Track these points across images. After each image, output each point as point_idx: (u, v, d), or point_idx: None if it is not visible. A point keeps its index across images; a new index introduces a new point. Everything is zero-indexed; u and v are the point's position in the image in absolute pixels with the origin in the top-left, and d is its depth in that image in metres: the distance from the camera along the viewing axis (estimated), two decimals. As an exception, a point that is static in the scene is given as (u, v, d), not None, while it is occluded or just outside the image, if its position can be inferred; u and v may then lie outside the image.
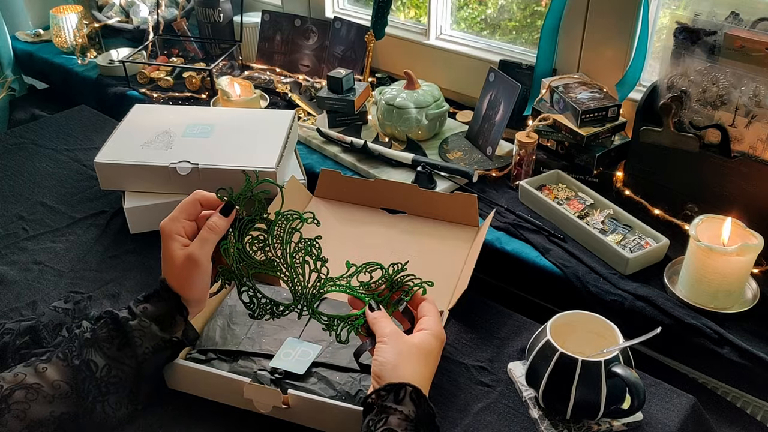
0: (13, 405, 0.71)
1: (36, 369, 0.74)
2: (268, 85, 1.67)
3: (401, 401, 0.70)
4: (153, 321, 0.79)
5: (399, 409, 0.69)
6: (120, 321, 0.78)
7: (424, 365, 0.75)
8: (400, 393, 0.70)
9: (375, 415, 0.70)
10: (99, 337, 0.77)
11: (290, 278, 0.84)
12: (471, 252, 1.05)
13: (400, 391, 0.70)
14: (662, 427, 0.82)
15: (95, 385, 0.75)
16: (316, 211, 1.16)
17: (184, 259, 0.81)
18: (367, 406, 0.72)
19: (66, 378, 0.75)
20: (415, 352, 0.74)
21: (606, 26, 1.31)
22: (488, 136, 1.33)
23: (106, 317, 0.79)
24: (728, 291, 0.97)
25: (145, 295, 0.82)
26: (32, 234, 1.16)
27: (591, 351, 0.82)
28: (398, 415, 0.68)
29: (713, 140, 1.08)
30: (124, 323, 0.78)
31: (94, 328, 0.78)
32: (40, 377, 0.74)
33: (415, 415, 0.69)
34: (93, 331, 0.78)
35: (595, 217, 1.13)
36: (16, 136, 1.45)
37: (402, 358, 0.73)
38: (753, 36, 1.00)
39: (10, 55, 1.94)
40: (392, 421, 0.68)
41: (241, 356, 0.86)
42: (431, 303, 0.82)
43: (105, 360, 0.76)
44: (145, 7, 1.93)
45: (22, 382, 0.72)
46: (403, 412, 0.69)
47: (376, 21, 1.57)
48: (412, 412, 0.69)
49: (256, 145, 1.18)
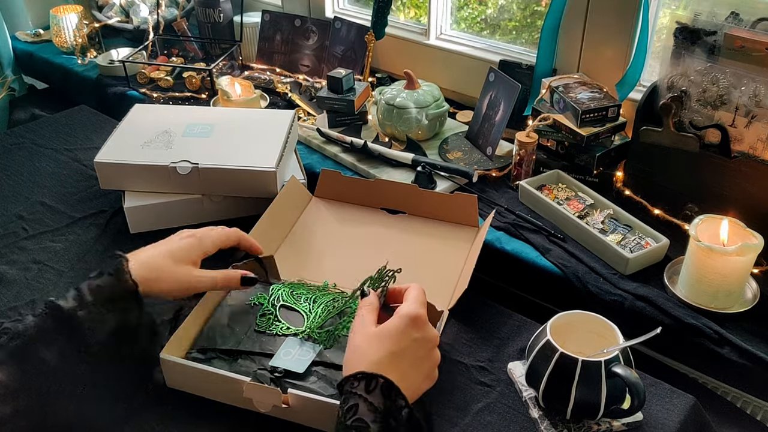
0: None
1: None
2: (268, 85, 1.67)
3: (371, 392, 0.69)
4: (105, 305, 0.77)
5: (369, 399, 0.69)
6: (65, 313, 0.75)
7: (382, 349, 0.73)
8: (371, 383, 0.70)
9: (344, 402, 0.70)
10: (44, 331, 0.74)
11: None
12: (471, 252, 1.05)
13: (372, 381, 0.70)
14: (662, 427, 0.82)
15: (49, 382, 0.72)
16: (316, 211, 1.16)
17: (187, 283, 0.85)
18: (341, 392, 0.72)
19: (10, 375, 0.71)
20: (375, 337, 0.74)
21: (606, 26, 1.31)
22: (488, 136, 1.33)
23: (49, 309, 0.76)
24: (728, 291, 0.97)
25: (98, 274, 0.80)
26: (32, 233, 1.16)
27: (591, 351, 0.82)
28: (367, 405, 0.68)
29: (713, 140, 1.08)
30: (70, 316, 0.75)
31: (38, 322, 0.75)
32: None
33: (384, 408, 0.69)
34: (37, 326, 0.74)
35: (595, 217, 1.13)
36: (16, 136, 1.45)
37: (362, 347, 0.74)
38: (753, 36, 1.00)
39: (10, 55, 1.94)
40: (362, 410, 0.68)
41: (241, 356, 0.86)
42: (413, 288, 0.81)
43: (55, 355, 0.73)
44: (145, 7, 1.93)
45: None
46: (373, 403, 0.68)
47: (376, 21, 1.57)
48: (381, 404, 0.69)
49: (256, 145, 1.18)
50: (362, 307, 0.80)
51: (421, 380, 0.76)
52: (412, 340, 0.75)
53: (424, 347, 0.77)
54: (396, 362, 0.73)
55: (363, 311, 0.79)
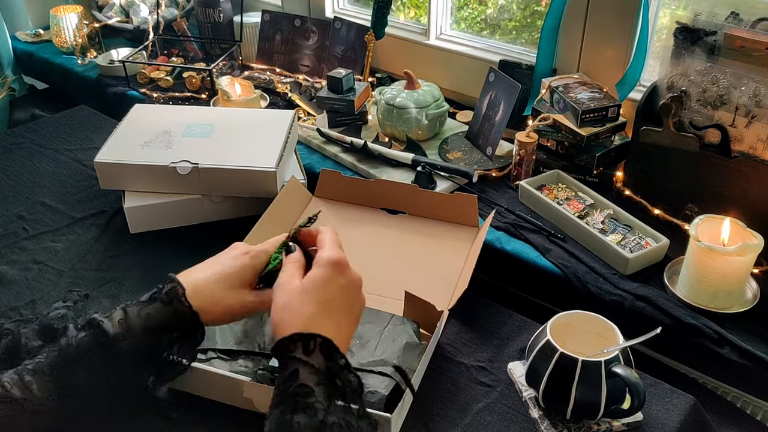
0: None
1: (23, 380, 0.69)
2: (268, 85, 1.67)
3: (311, 353, 0.65)
4: (149, 334, 0.73)
5: (309, 361, 0.65)
6: (109, 338, 0.72)
7: (315, 303, 0.69)
8: (309, 344, 0.66)
9: (283, 368, 0.65)
10: (84, 353, 0.71)
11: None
12: (471, 252, 1.05)
13: (310, 342, 0.65)
14: (662, 427, 0.82)
15: (77, 406, 0.71)
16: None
17: (240, 313, 0.77)
18: (277, 356, 0.67)
19: (48, 393, 0.70)
20: (303, 292, 0.69)
21: (606, 26, 1.31)
22: (488, 136, 1.33)
23: (94, 329, 0.72)
24: (728, 291, 0.97)
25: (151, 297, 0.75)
26: (32, 233, 1.16)
27: (591, 351, 0.82)
28: (308, 369, 0.64)
29: (713, 140, 1.08)
30: (113, 343, 0.71)
31: (80, 341, 0.72)
32: (24, 391, 0.69)
33: (326, 368, 0.65)
34: (78, 346, 0.72)
35: (595, 217, 1.13)
36: (16, 136, 1.45)
37: (292, 302, 0.69)
38: (753, 36, 1.00)
39: (10, 55, 1.94)
40: (303, 375, 0.64)
41: (241, 356, 0.86)
42: (326, 231, 0.76)
43: (89, 379, 0.71)
44: (145, 7, 1.93)
45: (7, 395, 0.68)
46: (314, 365, 0.65)
47: (376, 21, 1.57)
48: (321, 364, 0.65)
49: (256, 145, 1.18)
50: (288, 263, 0.74)
51: (353, 326, 0.73)
52: (339, 287, 0.71)
53: (352, 291, 0.73)
54: (328, 314, 0.69)
55: (289, 266, 0.74)
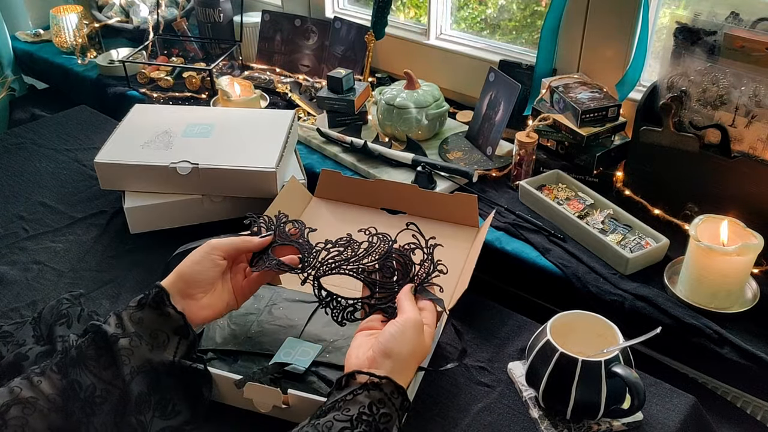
0: (11, 420, 0.69)
1: (31, 382, 0.72)
2: (268, 85, 1.67)
3: (390, 397, 0.69)
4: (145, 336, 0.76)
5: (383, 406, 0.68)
6: (108, 339, 0.74)
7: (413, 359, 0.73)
8: (396, 393, 0.69)
9: (351, 394, 0.69)
10: (85, 355, 0.74)
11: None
12: (471, 252, 1.05)
13: (395, 391, 0.69)
14: (662, 427, 0.82)
15: (80, 406, 0.73)
16: (316, 211, 1.16)
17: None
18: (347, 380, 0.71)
19: (58, 392, 0.72)
20: (411, 345, 0.73)
21: (606, 26, 1.31)
22: (488, 136, 1.33)
23: (93, 333, 0.75)
24: (728, 291, 0.97)
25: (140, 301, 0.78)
26: (32, 234, 1.16)
27: (591, 351, 0.82)
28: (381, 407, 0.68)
29: (713, 140, 1.08)
30: (112, 342, 0.74)
31: (80, 344, 0.75)
32: (35, 390, 0.71)
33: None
34: (79, 348, 0.74)
35: (595, 217, 1.13)
36: (16, 136, 1.45)
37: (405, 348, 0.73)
38: (753, 36, 1.00)
39: (10, 55, 1.95)
40: (363, 402, 0.68)
41: (241, 356, 0.86)
42: (402, 293, 0.80)
43: (91, 379, 0.73)
44: (145, 7, 1.93)
45: (18, 397, 0.70)
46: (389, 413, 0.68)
47: (376, 21, 1.57)
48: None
49: (256, 145, 1.18)
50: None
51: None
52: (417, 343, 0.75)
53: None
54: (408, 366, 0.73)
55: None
